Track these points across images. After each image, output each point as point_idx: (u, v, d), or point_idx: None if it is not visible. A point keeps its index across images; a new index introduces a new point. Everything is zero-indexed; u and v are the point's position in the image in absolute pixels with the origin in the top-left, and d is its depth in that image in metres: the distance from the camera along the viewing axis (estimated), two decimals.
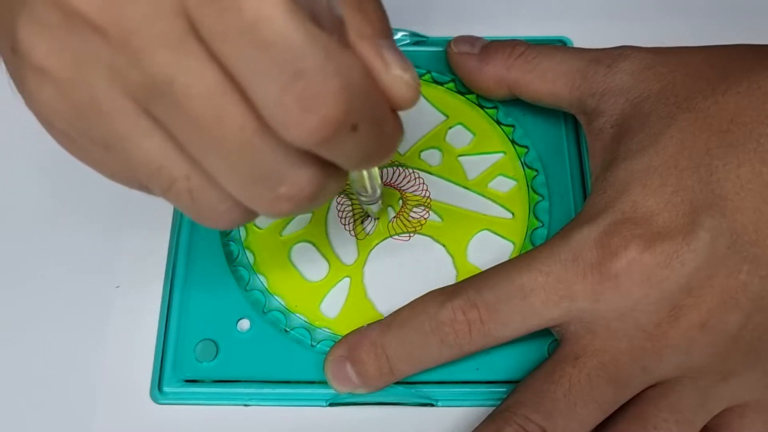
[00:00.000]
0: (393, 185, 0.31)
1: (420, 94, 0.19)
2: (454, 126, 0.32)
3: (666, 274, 0.23)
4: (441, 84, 0.33)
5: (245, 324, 0.28)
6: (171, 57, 0.16)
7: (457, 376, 0.27)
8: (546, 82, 0.29)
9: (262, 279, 0.29)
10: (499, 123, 0.32)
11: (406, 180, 0.31)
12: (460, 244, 0.29)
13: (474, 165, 0.31)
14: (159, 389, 0.27)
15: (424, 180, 0.31)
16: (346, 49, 0.17)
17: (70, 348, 0.28)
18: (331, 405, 0.27)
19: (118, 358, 0.28)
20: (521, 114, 0.32)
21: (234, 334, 0.27)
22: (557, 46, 0.30)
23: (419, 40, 0.34)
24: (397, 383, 0.26)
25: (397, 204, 0.30)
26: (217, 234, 0.29)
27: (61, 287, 0.29)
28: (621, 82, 0.27)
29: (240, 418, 0.27)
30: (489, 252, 0.29)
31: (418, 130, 0.32)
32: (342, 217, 0.30)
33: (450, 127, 0.32)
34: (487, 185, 0.31)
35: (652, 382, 0.24)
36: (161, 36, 0.16)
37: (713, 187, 0.24)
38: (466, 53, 0.31)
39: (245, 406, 0.27)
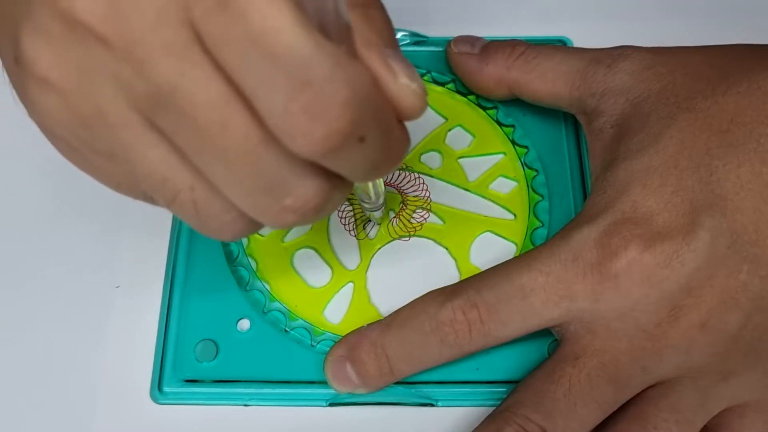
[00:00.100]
0: (394, 185, 0.31)
1: (427, 103, 0.19)
2: (453, 128, 0.32)
3: (666, 274, 0.23)
4: (441, 84, 0.33)
5: (245, 324, 0.28)
6: (175, 66, 0.16)
7: (457, 376, 0.27)
8: (546, 82, 0.29)
9: (264, 285, 0.29)
10: (499, 123, 0.32)
11: (406, 181, 0.31)
12: (462, 246, 0.29)
13: (474, 167, 0.31)
14: (159, 389, 0.27)
15: (425, 181, 0.31)
16: (353, 59, 0.17)
17: (70, 348, 0.28)
18: (331, 405, 0.27)
19: (118, 358, 0.28)
20: (521, 114, 0.32)
21: (234, 334, 0.27)
22: (557, 46, 0.30)
23: (419, 40, 0.34)
24: (397, 383, 0.26)
25: (398, 207, 0.30)
26: None
27: (61, 287, 0.29)
28: (621, 82, 0.27)
29: (240, 418, 0.27)
30: (492, 254, 0.29)
31: (417, 133, 0.32)
32: (343, 221, 0.30)
33: (449, 129, 0.32)
34: (488, 187, 0.31)
35: (652, 382, 0.24)
36: (166, 46, 0.16)
37: (713, 187, 0.24)
38: (466, 53, 0.31)
39: (245, 406, 0.27)
